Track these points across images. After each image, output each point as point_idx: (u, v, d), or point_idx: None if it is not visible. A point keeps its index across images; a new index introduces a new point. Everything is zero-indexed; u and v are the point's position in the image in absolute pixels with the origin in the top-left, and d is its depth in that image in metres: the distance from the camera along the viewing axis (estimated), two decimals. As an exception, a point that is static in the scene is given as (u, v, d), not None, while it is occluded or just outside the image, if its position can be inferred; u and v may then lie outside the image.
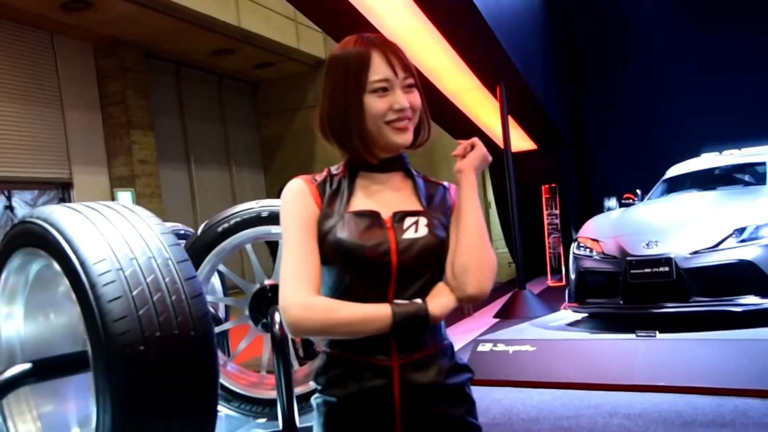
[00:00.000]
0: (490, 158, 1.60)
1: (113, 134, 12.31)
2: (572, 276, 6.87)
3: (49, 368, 1.74)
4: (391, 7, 6.53)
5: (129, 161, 12.20)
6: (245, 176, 15.59)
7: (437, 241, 1.51)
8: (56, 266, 1.62)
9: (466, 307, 1.73)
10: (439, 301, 1.48)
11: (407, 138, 1.53)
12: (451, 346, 1.59)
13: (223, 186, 14.94)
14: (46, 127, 11.45)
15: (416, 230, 1.51)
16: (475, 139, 1.59)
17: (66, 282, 1.60)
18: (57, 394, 1.98)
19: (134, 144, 12.23)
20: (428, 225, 1.52)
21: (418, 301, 1.47)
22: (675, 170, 8.45)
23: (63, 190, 11.82)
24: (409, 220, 1.51)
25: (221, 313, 3.08)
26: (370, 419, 1.50)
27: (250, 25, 12.45)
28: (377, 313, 1.44)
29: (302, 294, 1.45)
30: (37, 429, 1.92)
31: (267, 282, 2.60)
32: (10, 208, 10.92)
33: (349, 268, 1.49)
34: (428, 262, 1.51)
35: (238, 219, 2.51)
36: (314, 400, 1.58)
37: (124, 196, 11.65)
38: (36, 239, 1.68)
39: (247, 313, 2.64)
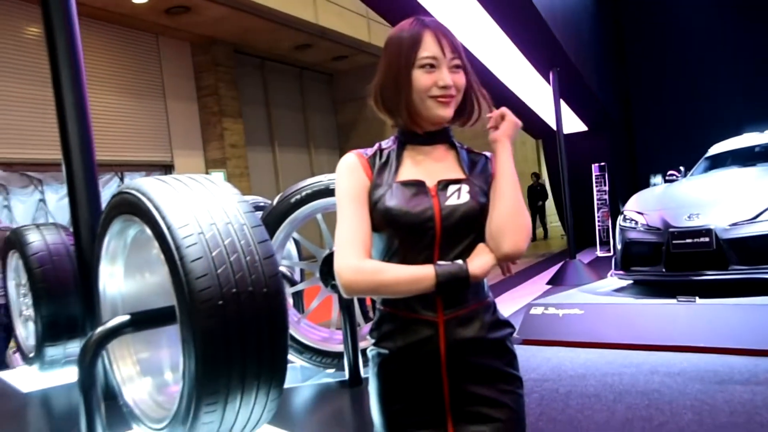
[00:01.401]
0: (521, 123, 1.56)
1: (208, 122, 12.56)
2: (618, 246, 6.70)
3: (143, 320, 1.78)
4: (452, 1, 6.45)
5: (221, 145, 12.43)
6: (323, 157, 15.69)
7: (478, 207, 1.48)
8: (148, 231, 1.65)
9: (505, 269, 1.68)
10: (479, 261, 1.45)
11: (448, 112, 1.50)
12: (494, 304, 1.56)
13: (303, 166, 15.06)
14: (152, 116, 11.77)
15: (459, 197, 1.48)
16: (504, 109, 1.54)
17: (156, 245, 1.63)
18: (152, 343, 2.03)
19: (226, 130, 12.45)
20: (470, 192, 1.49)
21: (460, 261, 1.44)
22: (717, 148, 8.08)
23: (166, 172, 12.12)
24: (452, 188, 1.49)
25: (296, 276, 3.10)
26: (418, 369, 1.48)
27: (326, 22, 12.45)
28: (422, 273, 1.42)
29: (353, 258, 1.44)
30: (136, 372, 1.98)
31: (335, 248, 2.60)
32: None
33: (397, 233, 1.47)
34: (470, 226, 1.48)
35: (308, 191, 2.51)
36: (369, 352, 1.57)
37: (217, 176, 11.87)
38: (131, 207, 1.71)
39: (317, 275, 2.65)
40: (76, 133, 2.26)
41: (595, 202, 12.12)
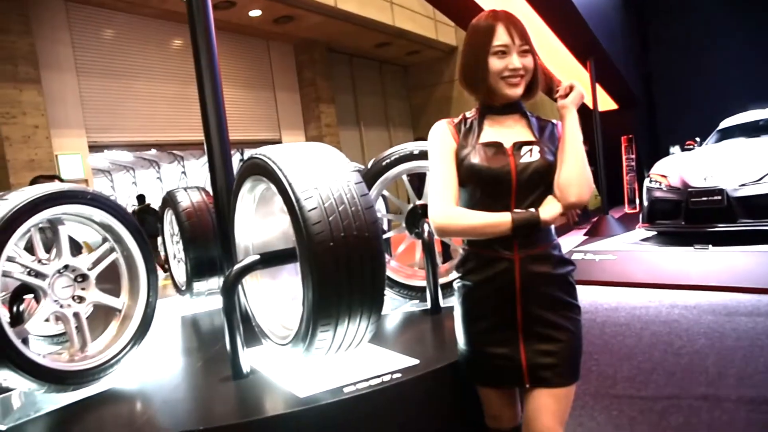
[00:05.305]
0: (586, 94, 1.49)
1: (307, 107, 12.63)
2: (645, 203, 6.56)
3: (270, 259, 1.80)
4: (505, 4, 6.26)
5: (318, 126, 12.51)
6: (399, 134, 15.58)
7: (547, 164, 1.42)
8: (273, 188, 1.66)
9: (570, 216, 1.63)
10: (548, 209, 1.41)
11: (517, 92, 1.45)
12: (559, 245, 1.50)
13: (383, 142, 15.00)
14: (264, 104, 11.94)
15: (531, 155, 1.42)
16: (573, 81, 1.48)
17: (280, 199, 1.63)
18: (276, 277, 2.06)
19: (321, 113, 12.51)
20: (540, 151, 1.43)
21: (532, 209, 1.40)
22: (727, 122, 7.70)
23: (276, 147, 12.31)
24: (525, 148, 1.43)
25: (385, 226, 3.10)
26: (497, 297, 1.45)
27: (401, 24, 12.27)
28: (501, 219, 1.39)
29: (445, 206, 1.42)
30: (265, 300, 2.02)
31: (418, 202, 2.57)
32: (243, 161, 11.59)
33: (479, 185, 1.43)
34: (540, 180, 1.43)
35: (396, 156, 2.47)
36: (455, 284, 1.56)
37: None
38: (260, 169, 1.72)
39: (403, 225, 2.63)
40: (214, 118, 2.34)
41: (624, 168, 11.89)
